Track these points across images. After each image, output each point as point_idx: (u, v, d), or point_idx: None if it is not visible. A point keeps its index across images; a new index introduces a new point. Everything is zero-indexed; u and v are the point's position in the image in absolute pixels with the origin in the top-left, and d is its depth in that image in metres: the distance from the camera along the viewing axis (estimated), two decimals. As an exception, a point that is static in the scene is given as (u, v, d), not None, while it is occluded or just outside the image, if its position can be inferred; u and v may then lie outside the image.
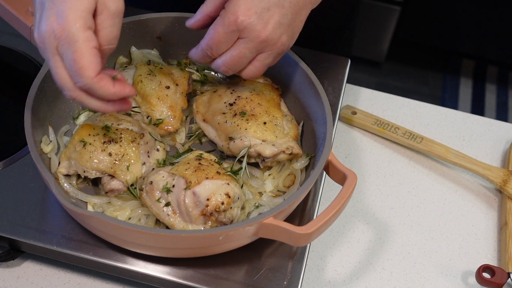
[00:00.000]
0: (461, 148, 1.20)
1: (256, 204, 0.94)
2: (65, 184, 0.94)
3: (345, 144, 1.20)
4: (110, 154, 0.92)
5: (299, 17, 0.89)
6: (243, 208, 0.93)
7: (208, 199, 0.86)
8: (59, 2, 0.75)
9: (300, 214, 0.96)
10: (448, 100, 3.01)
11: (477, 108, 2.99)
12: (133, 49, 1.09)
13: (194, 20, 0.92)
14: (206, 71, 1.12)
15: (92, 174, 0.93)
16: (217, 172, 0.90)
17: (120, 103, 0.82)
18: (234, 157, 0.98)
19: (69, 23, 0.74)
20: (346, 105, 1.24)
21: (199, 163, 0.91)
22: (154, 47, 1.11)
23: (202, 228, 0.87)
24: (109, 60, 1.08)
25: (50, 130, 0.98)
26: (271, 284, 0.88)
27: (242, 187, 0.94)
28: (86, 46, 0.75)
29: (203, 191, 0.87)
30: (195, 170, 0.89)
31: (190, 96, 1.08)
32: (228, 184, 0.89)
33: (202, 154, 0.95)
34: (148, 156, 0.96)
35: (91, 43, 0.75)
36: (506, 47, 3.00)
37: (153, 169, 0.96)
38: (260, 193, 0.97)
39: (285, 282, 0.88)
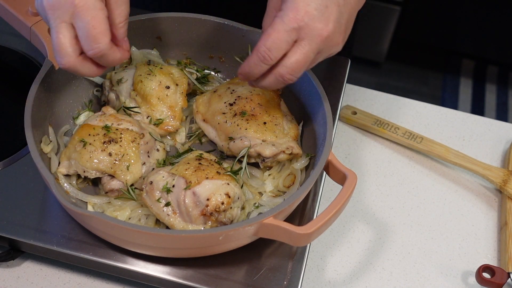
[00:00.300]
0: (461, 148, 1.20)
1: (256, 204, 0.94)
2: (65, 184, 0.94)
3: (345, 144, 1.20)
4: (110, 154, 0.92)
5: (352, 16, 0.86)
6: (243, 208, 0.93)
7: (208, 199, 0.86)
8: None
9: (300, 214, 0.96)
10: (448, 100, 3.01)
11: (477, 108, 3.00)
12: (133, 49, 1.09)
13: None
14: (206, 71, 1.12)
15: (92, 174, 0.93)
16: (217, 172, 0.90)
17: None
18: (234, 157, 0.98)
19: None
20: (346, 105, 1.24)
21: (199, 163, 0.91)
22: (154, 47, 1.11)
23: (202, 228, 0.87)
24: (109, 60, 1.08)
25: (50, 130, 0.98)
26: (271, 284, 0.88)
27: (242, 187, 0.94)
28: (103, 14, 0.79)
29: (203, 191, 0.87)
30: (195, 170, 0.89)
31: (190, 96, 1.08)
32: (228, 184, 0.89)
33: (202, 154, 0.95)
34: (148, 156, 0.96)
35: (106, 12, 0.79)
36: (506, 47, 3.00)
37: (153, 169, 0.96)
38: (260, 193, 0.97)
39: (285, 282, 0.88)
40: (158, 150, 0.98)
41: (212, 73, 1.13)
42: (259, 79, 0.86)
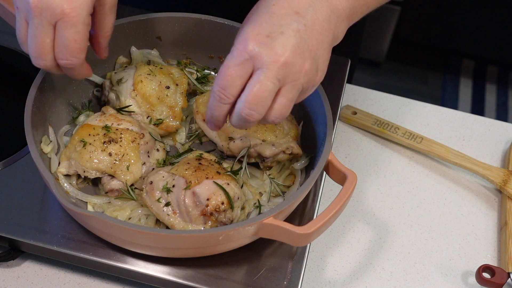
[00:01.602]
0: (461, 148, 1.20)
1: (256, 204, 0.94)
2: (65, 184, 0.94)
3: (345, 144, 1.20)
4: (110, 154, 0.92)
5: (321, 44, 0.77)
6: (243, 208, 0.93)
7: (208, 199, 0.86)
8: None
9: (300, 214, 0.96)
10: (448, 100, 3.01)
11: (477, 108, 3.00)
12: (133, 49, 1.09)
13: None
14: (206, 71, 1.12)
15: (92, 174, 0.93)
16: (217, 172, 0.90)
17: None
18: (234, 157, 0.98)
19: (81, 5, 0.77)
20: (346, 105, 1.24)
21: (199, 163, 0.91)
22: (154, 47, 1.11)
23: (202, 228, 0.87)
24: (109, 60, 1.08)
25: (50, 130, 0.98)
26: (271, 284, 0.88)
27: (242, 187, 0.94)
28: (87, 30, 0.79)
29: (203, 191, 0.87)
30: (195, 170, 0.89)
31: (190, 96, 1.08)
32: (228, 184, 0.89)
33: (202, 154, 0.95)
34: (148, 156, 0.96)
35: (89, 27, 0.80)
36: (506, 47, 3.00)
37: (153, 169, 0.96)
38: (260, 193, 0.97)
39: (285, 282, 0.88)
40: (158, 150, 0.98)
41: (212, 73, 1.13)
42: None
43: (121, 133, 0.94)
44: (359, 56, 1.38)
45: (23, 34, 0.82)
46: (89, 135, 0.93)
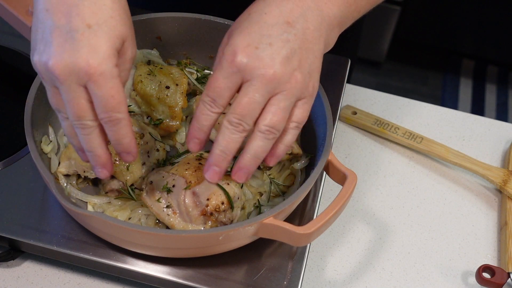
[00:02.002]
0: (461, 148, 1.20)
1: (256, 204, 0.94)
2: (65, 184, 0.94)
3: (345, 144, 1.20)
4: (110, 154, 0.92)
5: (311, 53, 0.77)
6: (243, 208, 0.93)
7: (208, 199, 0.86)
8: (91, 35, 0.71)
9: (300, 214, 0.96)
10: (448, 100, 3.02)
11: (477, 108, 3.00)
12: (133, 49, 1.09)
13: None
14: (206, 71, 1.12)
15: (92, 174, 0.93)
16: (217, 172, 0.90)
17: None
18: (234, 157, 0.98)
19: (106, 59, 0.71)
20: (346, 105, 1.24)
21: (199, 163, 0.91)
22: (154, 47, 1.11)
23: (202, 228, 0.87)
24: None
25: (50, 130, 0.98)
26: (271, 284, 0.88)
27: (242, 187, 0.94)
28: (120, 82, 0.73)
29: (203, 191, 0.87)
30: (195, 170, 0.89)
31: (190, 96, 1.08)
32: (228, 184, 0.89)
33: (202, 154, 0.95)
34: (148, 156, 0.96)
35: (122, 78, 0.75)
36: (506, 47, 3.01)
37: (153, 169, 0.96)
38: (260, 193, 0.97)
39: (285, 282, 0.88)
40: (158, 150, 0.98)
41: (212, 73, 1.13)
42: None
43: (121, 133, 0.94)
44: (357, 55, 1.38)
45: (57, 100, 0.75)
46: (89, 135, 0.93)
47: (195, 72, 1.11)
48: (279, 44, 0.74)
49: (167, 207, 0.88)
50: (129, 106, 1.02)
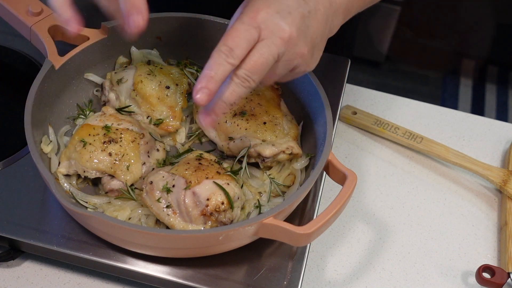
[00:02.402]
0: (461, 148, 1.20)
1: (256, 204, 0.94)
2: (65, 184, 0.94)
3: (345, 144, 1.20)
4: (110, 154, 0.92)
5: (320, 34, 0.81)
6: (243, 208, 0.93)
7: (208, 199, 0.86)
8: None
9: (300, 214, 0.96)
10: (448, 100, 3.01)
11: (477, 108, 2.99)
12: (133, 49, 1.09)
13: None
14: (206, 71, 1.12)
15: (92, 174, 0.93)
16: (217, 172, 0.90)
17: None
18: (234, 157, 0.98)
19: None
20: (346, 105, 1.24)
21: (199, 163, 0.91)
22: (154, 47, 1.11)
23: (202, 228, 0.87)
24: (109, 60, 1.08)
25: (50, 130, 0.98)
26: (271, 284, 0.88)
27: (242, 187, 0.94)
28: None
29: (203, 191, 0.87)
30: (195, 170, 0.89)
31: (190, 96, 1.08)
32: (228, 184, 0.89)
33: (202, 154, 0.95)
34: (148, 156, 0.96)
35: None
36: (506, 47, 3.00)
37: (153, 169, 0.96)
38: (260, 193, 0.97)
39: (285, 282, 0.88)
40: (158, 150, 0.98)
41: (212, 73, 1.13)
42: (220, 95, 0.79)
43: (121, 133, 0.94)
44: (353, 55, 1.39)
45: None
46: (89, 135, 0.93)
47: (195, 72, 1.11)
48: (297, 15, 0.78)
49: (167, 207, 0.88)
50: (129, 106, 1.02)
